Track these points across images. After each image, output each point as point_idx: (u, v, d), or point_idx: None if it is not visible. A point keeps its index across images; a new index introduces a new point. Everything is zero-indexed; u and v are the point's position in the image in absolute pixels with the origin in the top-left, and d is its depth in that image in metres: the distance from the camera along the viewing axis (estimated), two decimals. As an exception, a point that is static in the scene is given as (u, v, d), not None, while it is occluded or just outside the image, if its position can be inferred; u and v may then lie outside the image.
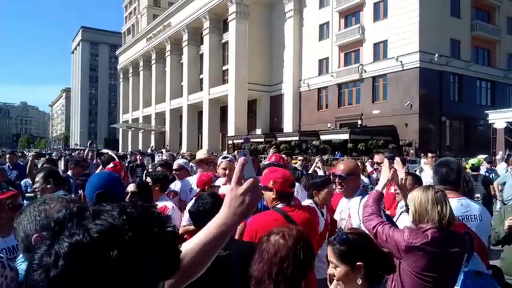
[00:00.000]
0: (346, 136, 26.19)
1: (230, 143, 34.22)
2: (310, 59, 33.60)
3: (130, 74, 59.73)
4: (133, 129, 53.93)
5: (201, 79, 42.36)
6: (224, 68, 40.24)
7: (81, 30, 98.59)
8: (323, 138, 27.93)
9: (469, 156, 18.11)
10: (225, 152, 24.93)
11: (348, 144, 25.70)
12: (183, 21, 42.69)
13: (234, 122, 35.53)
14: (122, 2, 73.45)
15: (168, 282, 0.74)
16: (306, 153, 18.84)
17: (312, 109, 33.44)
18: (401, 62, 26.36)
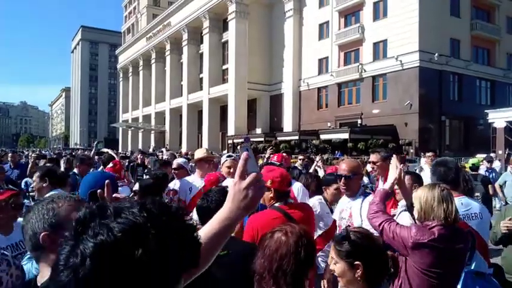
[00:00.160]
0: (346, 135, 26.22)
1: (230, 142, 34.20)
2: (310, 59, 33.58)
3: (130, 74, 59.63)
4: (133, 128, 53.85)
5: (201, 78, 42.32)
6: (224, 68, 40.21)
7: (80, 30, 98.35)
8: (323, 137, 27.95)
9: (468, 155, 18.15)
10: (225, 152, 24.96)
11: (348, 143, 25.73)
12: (183, 21, 42.63)
13: (234, 122, 35.50)
14: (122, 2, 73.25)
15: None
16: (306, 153, 18.84)
17: (312, 108, 33.43)
18: (401, 61, 26.35)
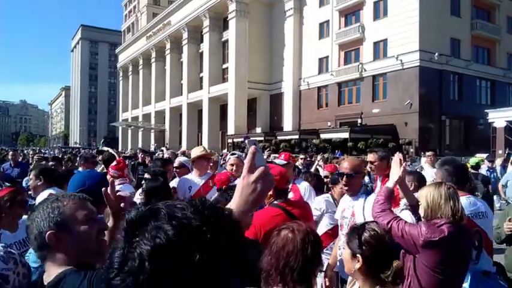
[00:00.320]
0: (346, 135, 26.22)
1: (230, 141, 34.21)
2: (310, 58, 33.57)
3: (130, 73, 59.57)
4: (133, 127, 53.82)
5: (201, 77, 42.29)
6: (224, 67, 40.17)
7: (80, 29, 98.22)
8: (323, 136, 27.95)
9: (468, 155, 18.12)
10: (225, 151, 24.97)
11: (348, 142, 25.72)
12: (183, 20, 42.58)
13: (234, 121, 35.49)
14: (122, 1, 73.25)
15: None
16: (306, 152, 18.88)
17: (312, 108, 33.43)
18: (401, 60, 26.34)
